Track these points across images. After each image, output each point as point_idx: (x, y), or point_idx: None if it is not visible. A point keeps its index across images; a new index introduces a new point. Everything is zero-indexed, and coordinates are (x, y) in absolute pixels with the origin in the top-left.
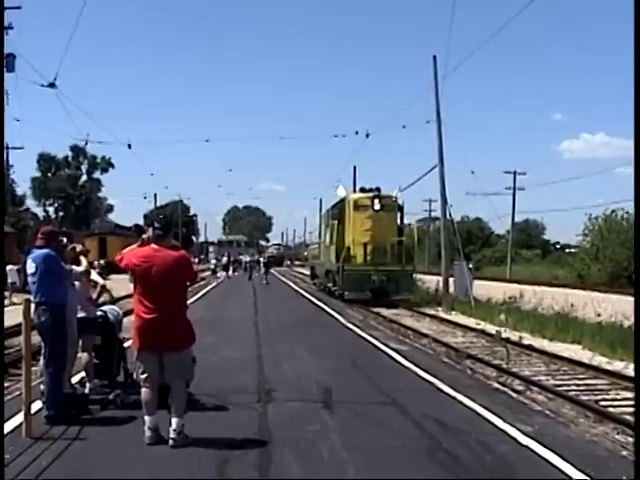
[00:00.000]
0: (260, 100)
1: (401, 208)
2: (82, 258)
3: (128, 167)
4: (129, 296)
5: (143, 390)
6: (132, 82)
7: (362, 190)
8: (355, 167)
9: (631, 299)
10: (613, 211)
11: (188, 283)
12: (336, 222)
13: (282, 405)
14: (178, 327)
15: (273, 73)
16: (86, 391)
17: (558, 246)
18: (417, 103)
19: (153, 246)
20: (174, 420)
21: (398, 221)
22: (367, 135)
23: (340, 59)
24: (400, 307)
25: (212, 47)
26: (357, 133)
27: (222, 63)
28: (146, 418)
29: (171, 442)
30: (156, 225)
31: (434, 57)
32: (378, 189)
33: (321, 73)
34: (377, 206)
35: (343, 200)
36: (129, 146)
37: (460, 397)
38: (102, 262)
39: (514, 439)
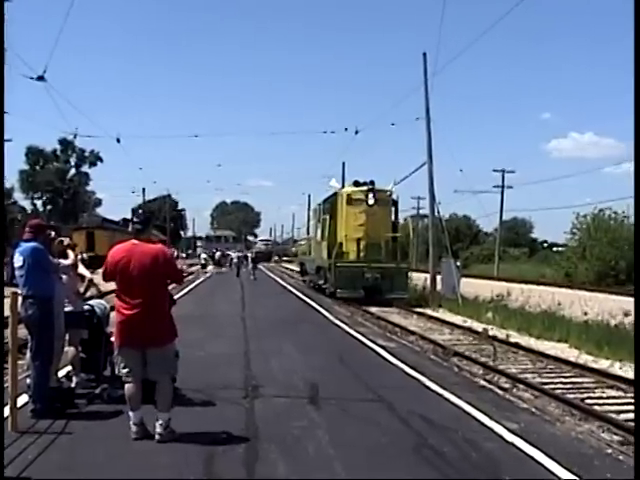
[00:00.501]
0: (250, 95)
1: (395, 203)
2: (69, 252)
3: (117, 161)
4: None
5: (126, 386)
6: (122, 75)
7: (356, 184)
8: (344, 163)
9: (618, 298)
10: (601, 210)
11: (169, 281)
12: (328, 217)
13: (269, 401)
14: (159, 322)
15: (264, 69)
16: (72, 385)
17: (545, 245)
18: (407, 100)
19: (133, 241)
20: (160, 415)
21: (392, 216)
22: (356, 132)
23: (330, 55)
24: (390, 305)
25: (203, 41)
26: (346, 130)
27: (212, 57)
28: (131, 414)
29: (157, 437)
30: (135, 220)
31: (424, 54)
32: (372, 183)
33: (311, 69)
34: (371, 200)
35: (335, 194)
36: (118, 140)
37: (447, 394)
38: (85, 256)
39: (500, 436)
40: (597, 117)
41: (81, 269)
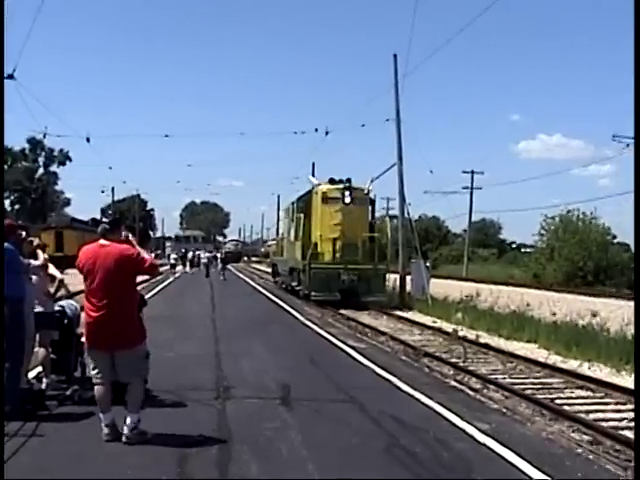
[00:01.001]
0: (221, 96)
1: (372, 202)
2: (39, 252)
3: (86, 160)
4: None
5: (96, 388)
6: (91, 75)
7: (331, 181)
8: (314, 164)
9: (586, 299)
10: (569, 211)
11: (142, 277)
12: (302, 216)
13: (241, 402)
14: (127, 323)
15: (234, 70)
16: (43, 386)
17: (514, 246)
18: (377, 101)
19: (101, 241)
20: (129, 417)
21: (370, 216)
22: (326, 132)
23: (301, 55)
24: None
25: (174, 40)
26: (317, 130)
27: (183, 57)
28: (101, 415)
29: (124, 439)
30: (104, 220)
31: (394, 55)
32: (349, 180)
33: (281, 70)
34: (347, 199)
35: (310, 192)
36: (88, 139)
37: (418, 395)
38: (46, 256)
39: (471, 437)
40: (565, 119)
41: (52, 269)
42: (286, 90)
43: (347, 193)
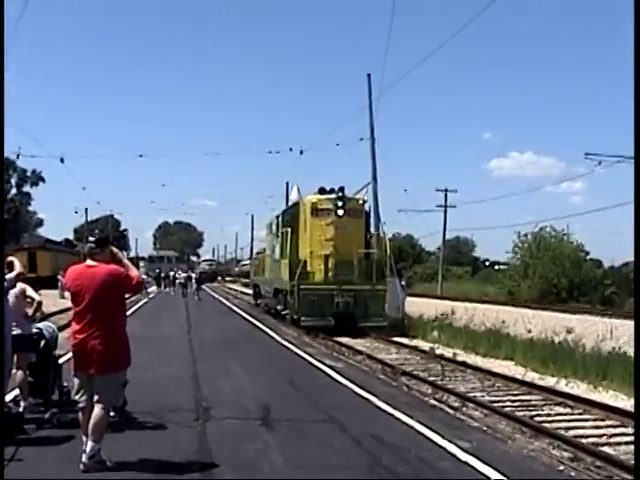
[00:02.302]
0: (195, 115)
1: (367, 214)
2: (15, 262)
3: (59, 181)
4: (60, 312)
5: (81, 412)
6: (66, 95)
7: (321, 191)
8: (287, 183)
9: (560, 315)
10: (541, 228)
11: (128, 295)
12: (289, 230)
13: (221, 423)
14: (109, 348)
15: (208, 89)
16: (20, 410)
17: (487, 263)
18: (352, 121)
19: (87, 262)
20: (89, 444)
21: (365, 230)
22: (301, 152)
23: (275, 76)
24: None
25: (146, 61)
26: (291, 150)
27: (156, 77)
28: (84, 439)
29: (81, 466)
30: (90, 239)
31: (368, 75)
32: (342, 189)
33: (256, 89)
34: (341, 211)
35: (297, 204)
36: (62, 160)
37: (397, 414)
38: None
39: (453, 455)
40: (536, 137)
41: (30, 292)
42: (260, 109)
43: (340, 204)
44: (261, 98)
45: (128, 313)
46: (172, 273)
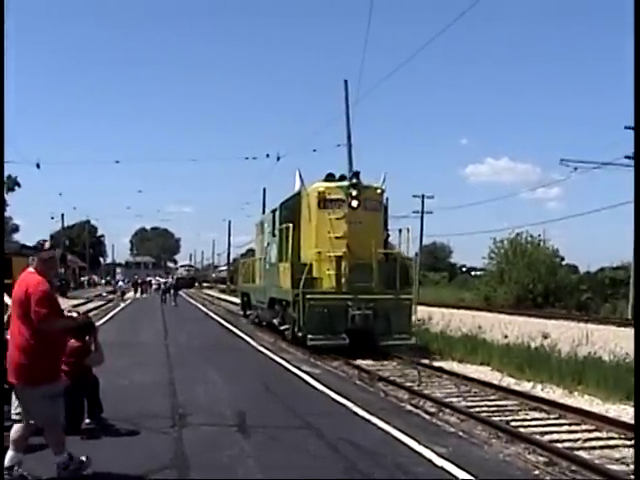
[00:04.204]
0: (171, 121)
1: (385, 208)
2: None
3: (36, 186)
4: None
5: (15, 426)
6: (42, 101)
7: (329, 178)
8: (265, 189)
9: (536, 320)
10: (517, 234)
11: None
12: (290, 227)
13: (197, 430)
14: (24, 360)
15: (183, 95)
16: None
17: (464, 269)
18: (329, 127)
19: (28, 269)
20: (56, 459)
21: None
22: (278, 158)
23: (252, 82)
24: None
25: (123, 64)
26: (268, 156)
27: (133, 81)
28: (9, 453)
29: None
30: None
31: (345, 81)
32: (357, 175)
33: (233, 95)
34: (355, 202)
35: (299, 194)
36: (38, 166)
37: (374, 420)
38: None
39: (429, 460)
40: (512, 143)
41: (6, 298)
42: (237, 116)
43: (354, 193)
44: (238, 104)
45: (105, 319)
46: (149, 279)
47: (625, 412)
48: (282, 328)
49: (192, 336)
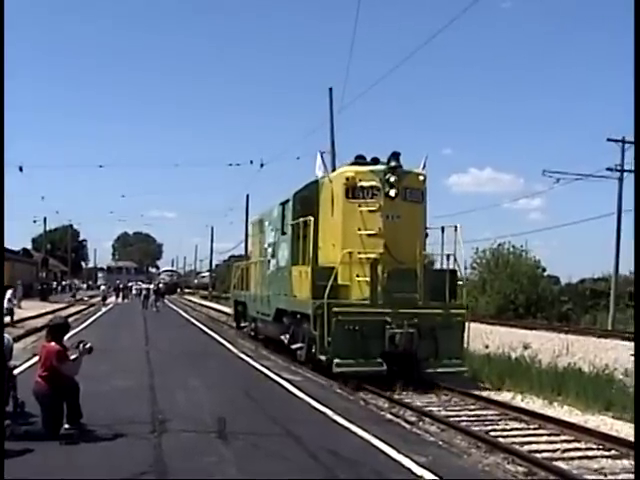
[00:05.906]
0: (154, 126)
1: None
2: None
3: (18, 190)
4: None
5: None
6: (24, 103)
7: (359, 161)
8: (248, 195)
9: (517, 331)
10: (500, 245)
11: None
12: (311, 220)
13: (177, 436)
14: None
15: (167, 100)
16: None
17: None
18: (313, 134)
19: None
20: None
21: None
22: (262, 164)
23: (236, 87)
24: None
25: (106, 68)
26: (252, 162)
27: (116, 85)
28: None
29: None
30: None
31: (330, 89)
32: (396, 156)
33: (217, 100)
34: (393, 190)
35: (317, 181)
36: (20, 169)
37: (354, 428)
38: None
39: (409, 469)
40: (495, 153)
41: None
42: (221, 122)
43: (393, 179)
44: (222, 110)
45: (85, 324)
46: (131, 284)
47: (603, 423)
48: (294, 347)
49: (173, 342)
